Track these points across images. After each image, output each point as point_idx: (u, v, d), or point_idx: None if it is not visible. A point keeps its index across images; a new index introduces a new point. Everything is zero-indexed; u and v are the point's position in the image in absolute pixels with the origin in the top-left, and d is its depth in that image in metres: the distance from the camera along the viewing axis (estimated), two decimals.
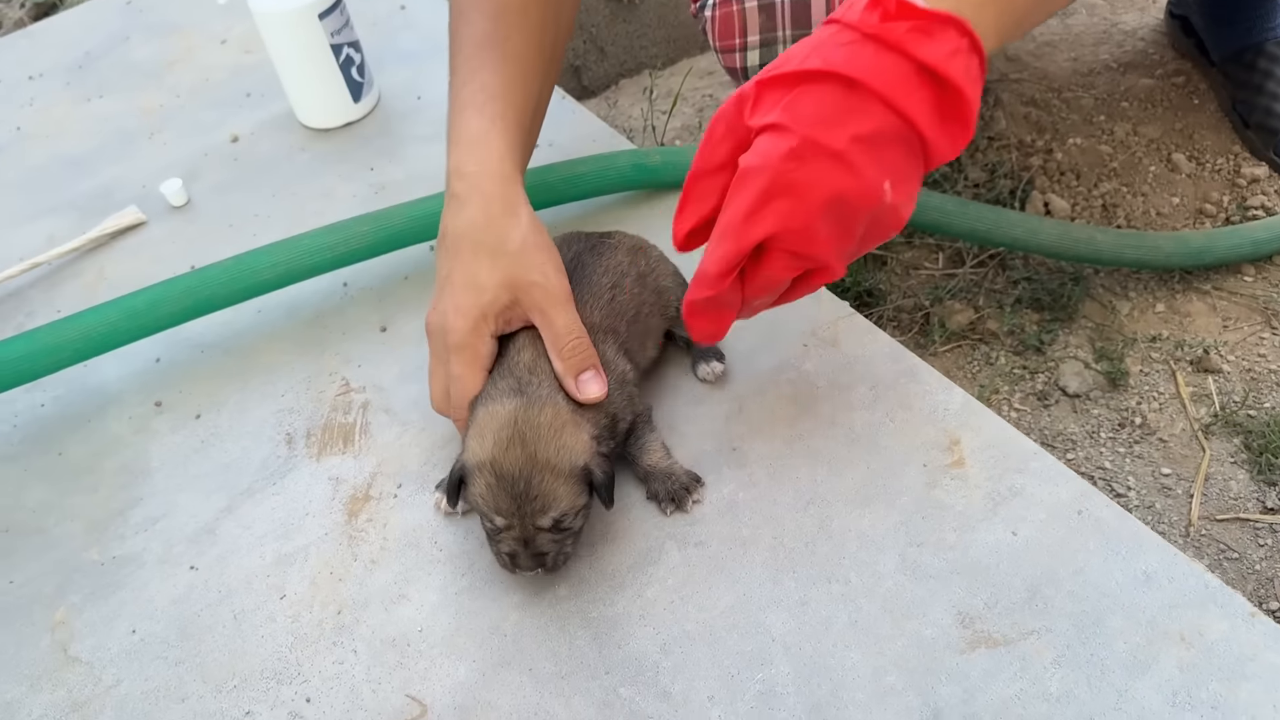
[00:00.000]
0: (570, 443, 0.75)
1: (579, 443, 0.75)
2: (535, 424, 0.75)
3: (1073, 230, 1.13)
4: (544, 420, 0.75)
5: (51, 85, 1.41)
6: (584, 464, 0.75)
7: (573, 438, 0.75)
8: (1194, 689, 0.67)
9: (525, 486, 0.73)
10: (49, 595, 0.83)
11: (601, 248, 0.88)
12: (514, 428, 0.75)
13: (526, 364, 0.80)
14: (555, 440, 0.74)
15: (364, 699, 0.74)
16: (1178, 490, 1.08)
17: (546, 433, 0.74)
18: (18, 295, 1.10)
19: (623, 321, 0.85)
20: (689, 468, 0.82)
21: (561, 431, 0.75)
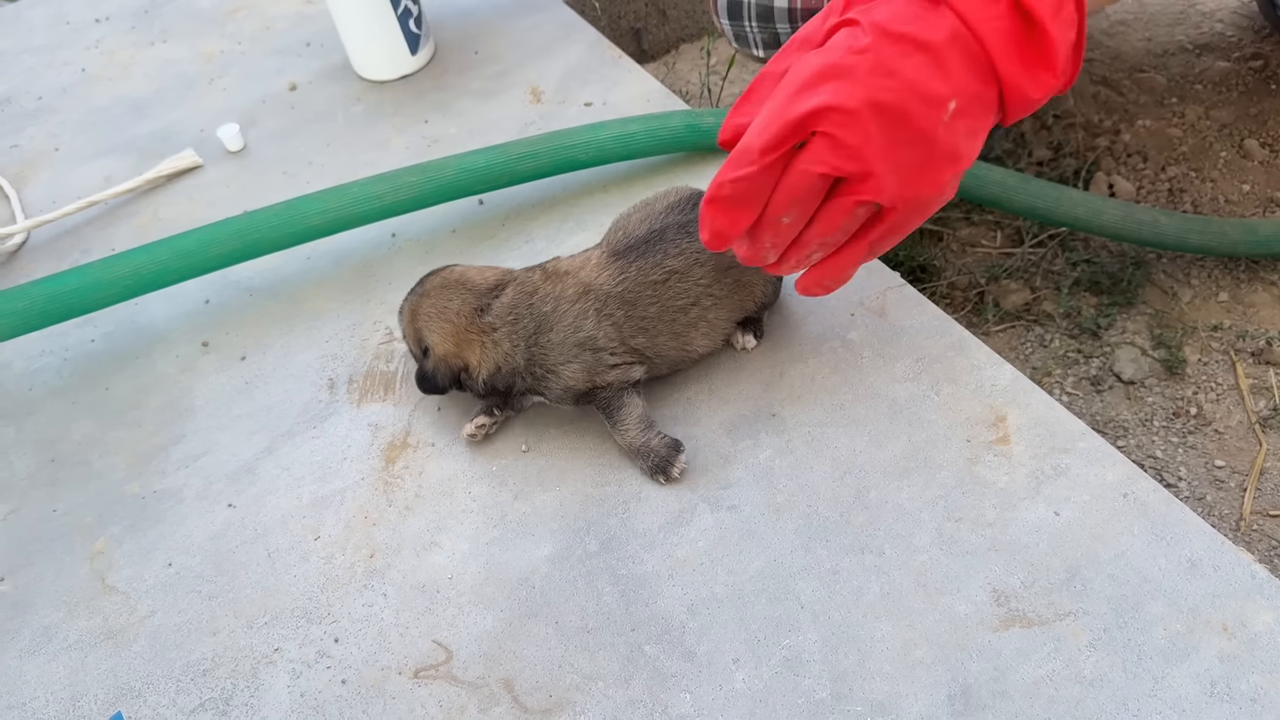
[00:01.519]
0: (434, 328, 0.82)
1: (439, 338, 0.82)
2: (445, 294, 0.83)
3: (1136, 212, 1.10)
4: (448, 301, 0.82)
5: (117, 29, 1.43)
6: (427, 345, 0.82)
7: (444, 331, 0.82)
8: (1234, 680, 0.65)
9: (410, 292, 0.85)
10: (90, 525, 0.84)
11: (693, 227, 0.82)
12: (455, 279, 0.83)
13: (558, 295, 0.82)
14: (436, 314, 0.82)
15: (391, 642, 0.74)
16: (1230, 483, 1.05)
17: (439, 304, 0.83)
18: (74, 233, 1.12)
19: (657, 305, 0.81)
20: (725, 432, 0.81)
21: (439, 319, 0.82)
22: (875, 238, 0.69)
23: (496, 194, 1.05)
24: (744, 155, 0.65)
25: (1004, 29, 0.63)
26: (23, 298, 0.91)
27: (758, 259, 0.71)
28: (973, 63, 0.64)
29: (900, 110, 0.63)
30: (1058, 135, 1.40)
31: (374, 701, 0.71)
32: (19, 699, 0.74)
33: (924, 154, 0.65)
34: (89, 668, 0.76)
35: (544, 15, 1.30)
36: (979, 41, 0.63)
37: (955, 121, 0.64)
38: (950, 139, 0.65)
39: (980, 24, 0.62)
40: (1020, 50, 0.64)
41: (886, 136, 0.63)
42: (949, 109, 0.63)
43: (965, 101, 0.64)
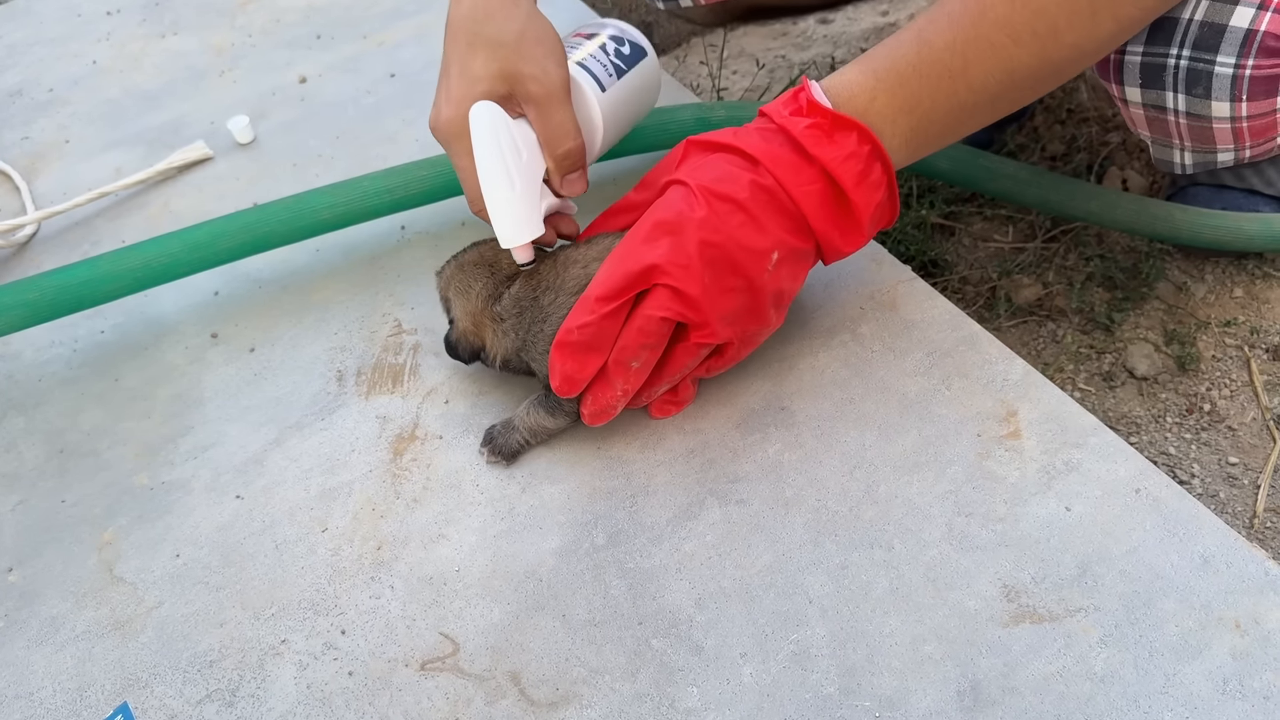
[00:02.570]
0: (458, 306, 0.84)
1: (462, 315, 0.84)
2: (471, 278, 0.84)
3: (1150, 206, 1.09)
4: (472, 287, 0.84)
5: (128, 21, 1.43)
6: (451, 316, 0.85)
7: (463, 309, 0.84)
8: (1246, 678, 0.64)
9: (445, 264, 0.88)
10: (98, 516, 0.85)
11: None
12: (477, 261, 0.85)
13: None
14: (458, 292, 0.84)
15: (398, 634, 0.74)
16: (1244, 481, 1.04)
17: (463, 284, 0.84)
18: (85, 224, 1.12)
19: None
20: (734, 425, 0.81)
21: (463, 299, 0.84)
22: (715, 367, 0.80)
23: None
24: (586, 304, 0.74)
25: (817, 193, 0.73)
26: (33, 289, 0.91)
27: (608, 409, 0.78)
28: (787, 219, 0.74)
29: (729, 263, 0.72)
30: (1071, 129, 1.39)
31: (381, 693, 0.71)
32: (27, 689, 0.75)
33: (752, 298, 0.75)
34: (96, 658, 0.76)
35: (554, 8, 1.29)
36: (794, 202, 0.73)
37: (779, 269, 0.74)
38: (775, 283, 0.75)
39: (794, 187, 0.73)
40: (831, 212, 0.74)
41: (720, 285, 0.73)
42: (772, 259, 0.74)
43: (785, 252, 0.74)
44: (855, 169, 0.73)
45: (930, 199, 1.28)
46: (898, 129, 0.75)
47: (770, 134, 0.75)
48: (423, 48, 1.28)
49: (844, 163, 0.73)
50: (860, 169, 0.73)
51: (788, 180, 0.73)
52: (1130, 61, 0.74)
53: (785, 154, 0.74)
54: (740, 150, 0.75)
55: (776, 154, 0.74)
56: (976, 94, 0.76)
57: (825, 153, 0.73)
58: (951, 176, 1.08)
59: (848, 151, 0.73)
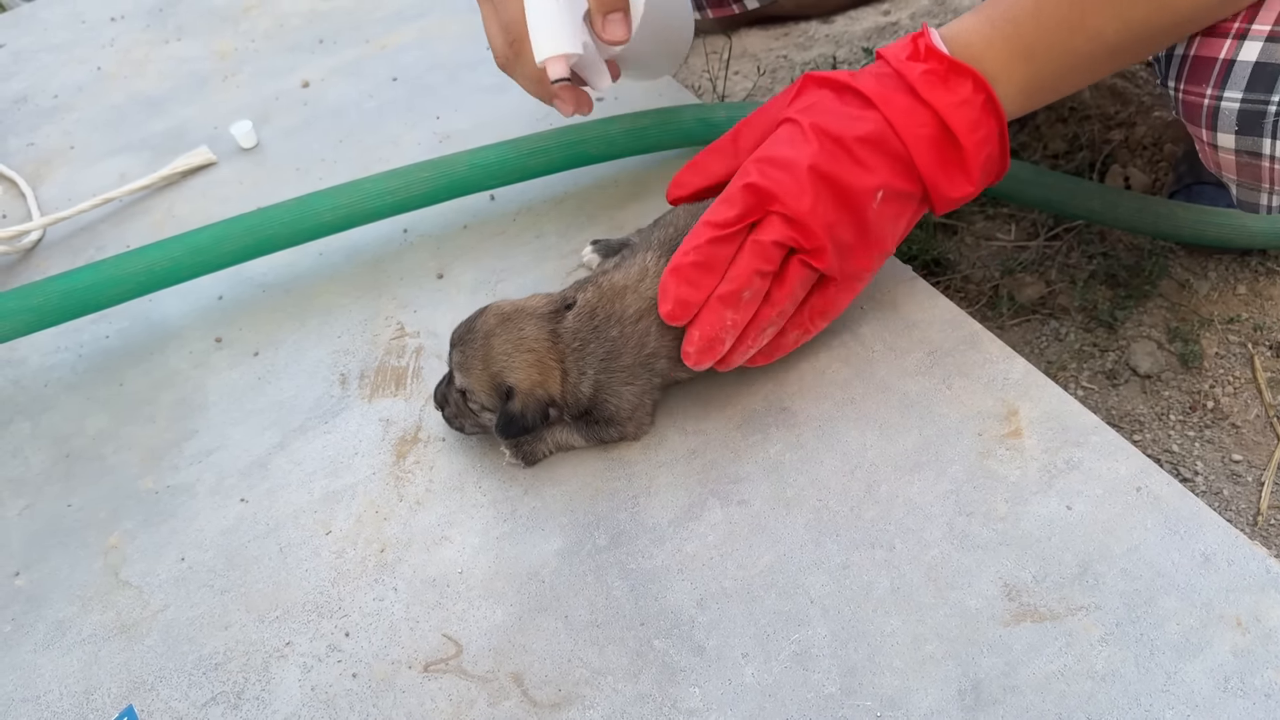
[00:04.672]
0: (517, 363, 0.77)
1: (525, 372, 0.77)
2: (516, 325, 0.78)
3: (1152, 204, 1.09)
4: (522, 332, 0.78)
5: (132, 27, 1.44)
6: (509, 384, 0.77)
7: (524, 364, 0.77)
8: (1247, 675, 0.64)
9: (468, 341, 0.78)
10: (104, 520, 0.85)
11: None
12: (515, 310, 0.79)
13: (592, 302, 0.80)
14: (510, 349, 0.77)
15: (401, 636, 0.74)
16: (1248, 478, 1.04)
17: (513, 339, 0.77)
18: (90, 230, 1.13)
19: None
20: (735, 426, 0.82)
21: (522, 352, 0.77)
22: (817, 311, 0.80)
23: (508, 189, 1.05)
24: (705, 228, 0.75)
25: (927, 136, 0.74)
26: (38, 294, 0.92)
27: (716, 341, 0.76)
28: (895, 162, 0.75)
29: (838, 195, 0.74)
30: (1073, 128, 1.39)
31: (384, 695, 0.71)
32: (33, 692, 0.75)
33: (858, 232, 0.76)
34: (102, 661, 0.76)
35: None
36: (904, 145, 0.74)
37: (883, 208, 0.75)
38: (879, 222, 0.76)
39: (905, 130, 0.74)
40: (940, 157, 0.75)
41: (828, 216, 0.74)
42: (877, 197, 0.75)
43: (891, 192, 0.75)
44: (969, 116, 0.74)
45: None
46: (1013, 76, 0.76)
47: (886, 77, 0.76)
48: (424, 51, 1.29)
49: (957, 109, 0.74)
50: (974, 117, 0.74)
51: (899, 123, 0.74)
52: (1227, 108, 0.74)
53: (899, 97, 0.75)
54: (856, 90, 0.76)
55: (890, 96, 0.75)
56: (1094, 43, 0.76)
57: (939, 98, 0.74)
58: None
59: (961, 98, 0.74)
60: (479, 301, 0.95)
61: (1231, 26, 0.74)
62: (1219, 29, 0.75)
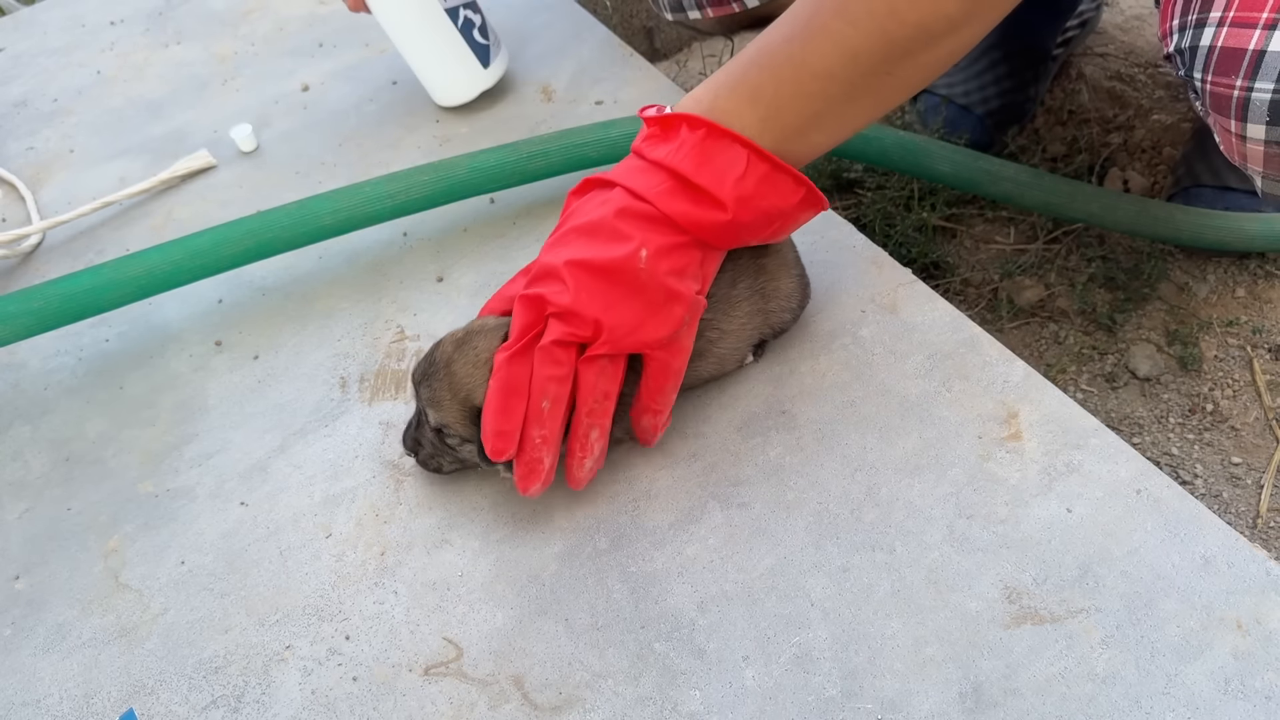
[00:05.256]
0: (481, 381, 0.75)
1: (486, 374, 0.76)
2: (473, 345, 0.76)
3: (1151, 207, 1.10)
4: (481, 348, 0.76)
5: (132, 31, 1.44)
6: (479, 406, 0.75)
7: (486, 368, 0.76)
8: (1248, 678, 0.65)
9: (430, 375, 0.77)
10: (103, 524, 0.85)
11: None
12: (467, 333, 0.77)
13: None
14: (474, 368, 0.75)
15: (402, 639, 0.74)
16: (1247, 480, 1.04)
17: (473, 358, 0.76)
18: (89, 234, 1.13)
19: None
20: (735, 429, 0.82)
21: (482, 366, 0.76)
22: (654, 388, 0.78)
23: (508, 192, 1.05)
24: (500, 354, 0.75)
25: (666, 189, 0.75)
26: (38, 298, 0.92)
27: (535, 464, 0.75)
28: (649, 221, 0.75)
29: (599, 274, 0.74)
30: (1071, 131, 1.39)
31: (384, 698, 0.71)
32: (33, 696, 0.75)
33: (638, 299, 0.74)
34: (102, 665, 0.76)
35: (555, 14, 1.31)
36: (650, 203, 0.75)
37: (655, 264, 0.74)
38: (655, 280, 0.74)
39: (645, 190, 0.75)
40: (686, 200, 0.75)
41: (597, 300, 0.74)
42: (641, 257, 0.74)
43: (655, 248, 0.74)
44: (691, 154, 0.75)
45: (931, 201, 1.28)
46: (745, 119, 0.76)
47: (627, 159, 0.79)
48: None
49: (676, 153, 0.75)
50: (696, 153, 0.75)
51: (638, 186, 0.75)
52: (1258, 99, 0.73)
53: (633, 167, 0.77)
54: (600, 180, 0.79)
55: (626, 171, 0.77)
56: (825, 81, 0.76)
57: (660, 153, 0.76)
58: (952, 180, 1.08)
59: (678, 142, 0.75)
60: (479, 304, 0.95)
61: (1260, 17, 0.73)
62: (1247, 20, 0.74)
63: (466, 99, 1.17)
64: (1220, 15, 0.73)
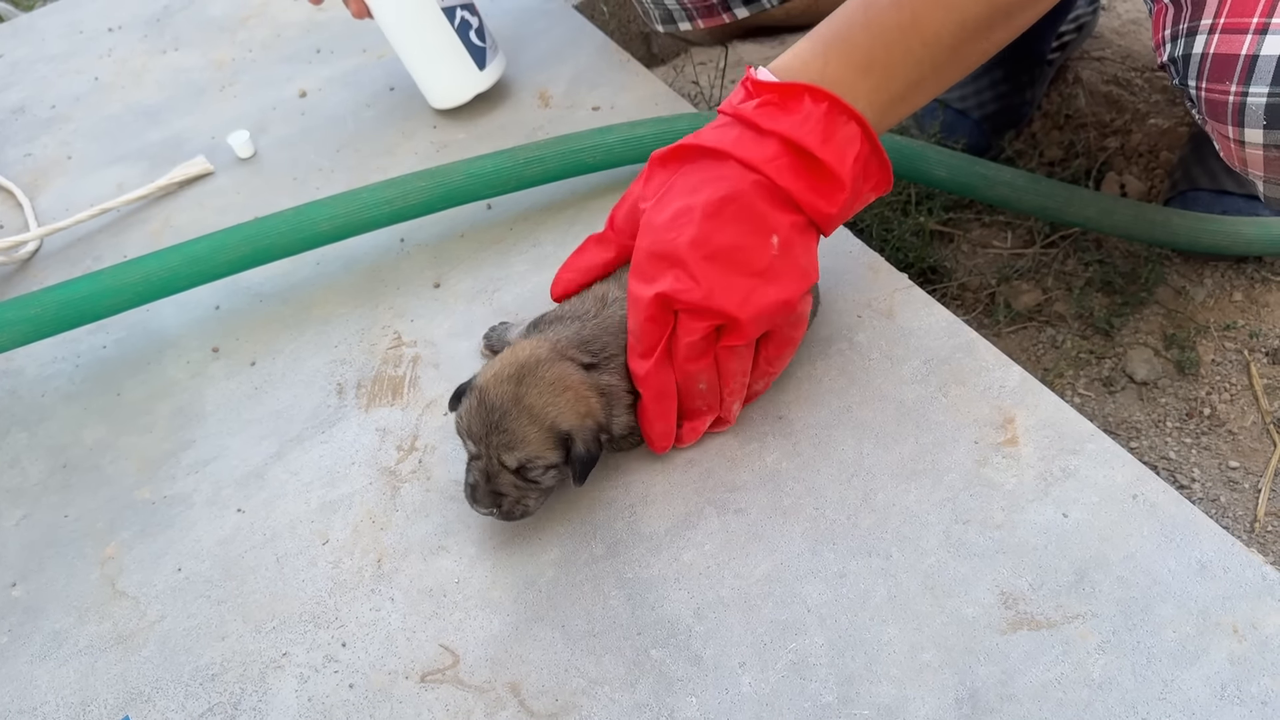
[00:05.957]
0: (563, 405, 0.74)
1: (573, 409, 0.74)
2: (538, 374, 0.74)
3: (1148, 211, 1.10)
4: (548, 374, 0.74)
5: (130, 37, 1.44)
6: (567, 429, 0.74)
7: (569, 402, 0.74)
8: (1244, 683, 0.64)
9: (499, 419, 0.73)
10: (100, 531, 0.85)
11: None
12: (518, 367, 0.75)
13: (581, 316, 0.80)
14: (550, 394, 0.74)
15: (398, 646, 0.74)
16: (1245, 485, 1.04)
17: (545, 385, 0.74)
18: (87, 240, 1.13)
19: None
20: (732, 434, 0.82)
21: (562, 392, 0.74)
22: (769, 359, 0.80)
23: (505, 198, 1.05)
24: (639, 363, 0.76)
25: (786, 165, 0.73)
26: (36, 304, 0.92)
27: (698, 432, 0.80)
28: (773, 199, 0.74)
29: (732, 263, 0.73)
30: (1069, 135, 1.39)
31: (381, 706, 0.71)
32: (30, 703, 0.75)
33: (774, 285, 0.75)
34: (99, 672, 0.76)
35: (553, 20, 1.31)
36: (769, 179, 0.73)
37: (786, 251, 0.74)
38: (787, 262, 0.75)
39: (765, 166, 0.73)
40: (806, 178, 0.74)
41: (738, 290, 0.74)
42: (773, 243, 0.74)
43: (785, 232, 0.74)
44: (816, 129, 0.73)
45: (928, 205, 1.28)
46: (858, 91, 0.75)
47: (728, 125, 0.76)
48: None
49: (801, 126, 0.73)
50: (821, 127, 0.73)
51: (755, 160, 0.74)
52: (1254, 103, 0.74)
53: (745, 137, 0.75)
54: (702, 148, 0.76)
55: (736, 138, 0.75)
56: (932, 46, 0.76)
57: (780, 124, 0.73)
58: (949, 185, 1.08)
59: (802, 116, 0.73)
60: (476, 310, 0.96)
61: (1250, 22, 0.73)
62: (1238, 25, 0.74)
63: (461, 101, 1.17)
64: (1211, 22, 0.73)
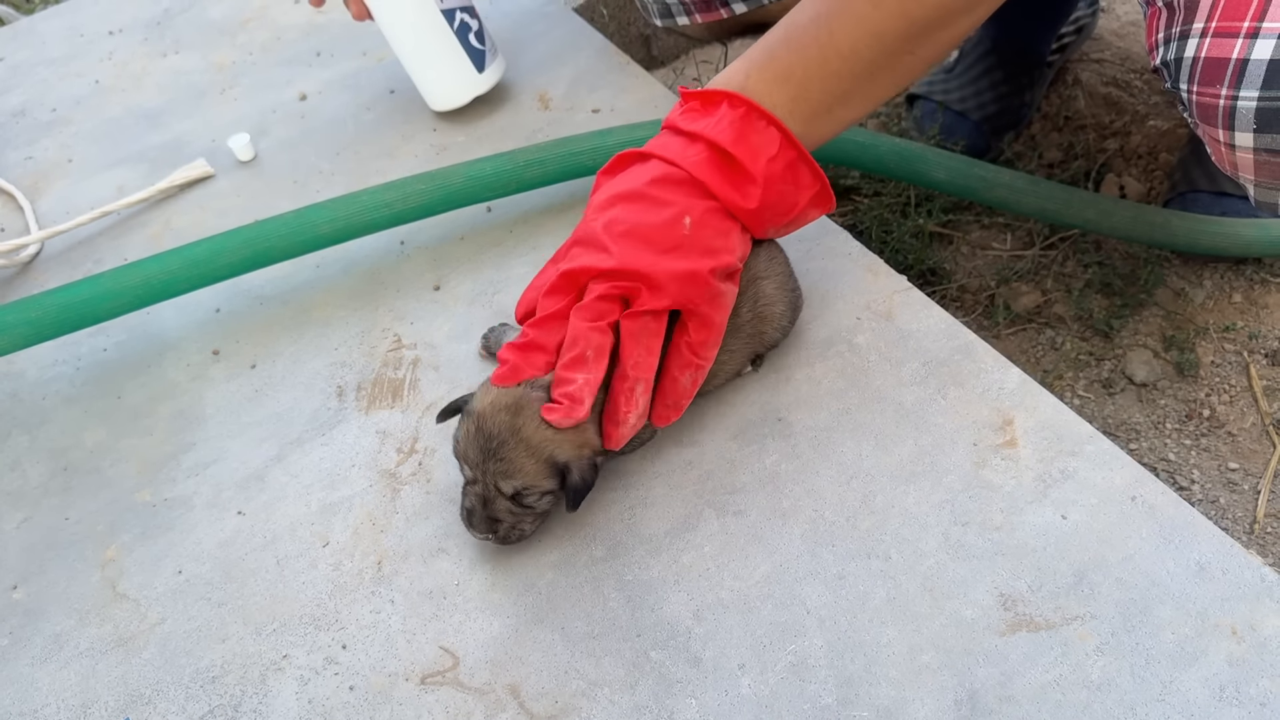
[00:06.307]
0: (561, 438, 0.74)
1: (570, 441, 0.74)
2: (535, 406, 0.74)
3: (1147, 213, 1.10)
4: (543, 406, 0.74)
5: (130, 40, 1.44)
6: (564, 461, 0.74)
7: (567, 435, 0.74)
8: (1243, 684, 0.65)
9: (497, 447, 0.73)
10: (101, 533, 0.85)
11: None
12: (516, 397, 0.74)
13: None
14: (547, 427, 0.73)
15: (398, 648, 0.74)
16: (1244, 486, 1.04)
17: (541, 417, 0.74)
18: (87, 243, 1.13)
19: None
20: (731, 437, 0.82)
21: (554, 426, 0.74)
22: (696, 344, 0.78)
23: (505, 201, 1.05)
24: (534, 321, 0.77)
25: (704, 160, 0.77)
26: (36, 307, 0.92)
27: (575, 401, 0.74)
28: (690, 189, 0.78)
29: (642, 237, 0.76)
30: (1068, 137, 1.39)
31: (381, 708, 0.71)
32: (31, 706, 0.75)
33: (685, 260, 0.76)
34: (99, 675, 0.76)
35: (552, 22, 1.31)
36: (688, 173, 0.77)
37: (699, 230, 0.77)
38: (699, 241, 0.77)
39: (683, 160, 0.78)
40: (723, 174, 0.78)
41: (648, 257, 0.75)
42: (685, 223, 0.77)
43: (699, 214, 0.77)
44: (729, 129, 0.77)
45: (928, 208, 1.28)
46: (777, 99, 0.79)
47: (661, 134, 0.82)
48: None
49: (716, 126, 0.77)
50: (736, 128, 0.77)
51: (676, 156, 0.78)
52: (1244, 107, 0.74)
53: (671, 140, 0.80)
54: (635, 154, 0.81)
55: (663, 143, 0.80)
56: (850, 60, 0.79)
57: (697, 125, 0.78)
58: (948, 187, 1.08)
59: (718, 117, 0.78)
60: (475, 312, 0.96)
61: (1241, 26, 0.73)
62: (1229, 29, 0.74)
63: (459, 103, 1.17)
64: (1203, 26, 0.74)
